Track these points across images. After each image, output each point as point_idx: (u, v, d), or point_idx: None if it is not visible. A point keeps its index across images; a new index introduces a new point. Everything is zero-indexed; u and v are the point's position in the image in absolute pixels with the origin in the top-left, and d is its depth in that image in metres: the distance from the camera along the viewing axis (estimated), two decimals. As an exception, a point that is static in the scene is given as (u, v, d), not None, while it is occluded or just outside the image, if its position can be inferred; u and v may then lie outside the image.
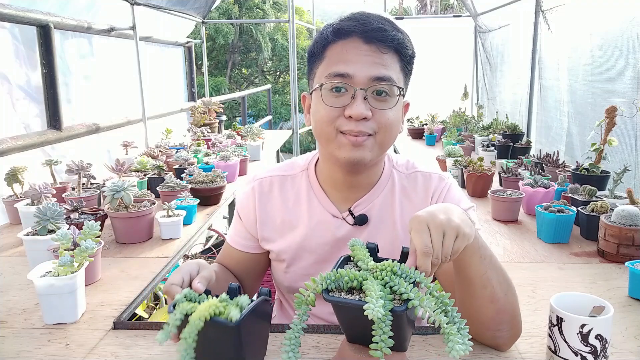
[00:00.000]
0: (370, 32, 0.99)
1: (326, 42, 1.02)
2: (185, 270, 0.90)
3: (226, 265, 1.23)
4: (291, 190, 1.17)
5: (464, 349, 0.69)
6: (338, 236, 1.12)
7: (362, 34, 0.99)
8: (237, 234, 1.22)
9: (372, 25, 0.99)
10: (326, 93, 1.00)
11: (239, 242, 1.22)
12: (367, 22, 0.99)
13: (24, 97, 2.71)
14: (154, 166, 2.54)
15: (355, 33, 1.00)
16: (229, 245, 1.24)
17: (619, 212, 1.51)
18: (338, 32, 1.01)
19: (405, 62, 1.04)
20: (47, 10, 2.72)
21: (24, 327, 1.14)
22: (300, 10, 14.41)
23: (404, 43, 1.02)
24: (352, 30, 1.00)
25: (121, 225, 1.73)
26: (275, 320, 1.29)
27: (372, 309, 0.70)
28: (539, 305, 1.21)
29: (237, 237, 1.22)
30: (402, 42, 1.01)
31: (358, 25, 0.99)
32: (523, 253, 1.61)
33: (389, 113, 1.00)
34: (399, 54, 1.02)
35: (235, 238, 1.22)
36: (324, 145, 1.05)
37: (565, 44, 3.26)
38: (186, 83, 5.44)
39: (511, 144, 3.17)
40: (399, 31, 1.02)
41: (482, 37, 5.36)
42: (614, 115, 2.06)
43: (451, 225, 0.79)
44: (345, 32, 1.00)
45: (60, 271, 1.13)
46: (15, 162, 2.11)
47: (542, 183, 2.01)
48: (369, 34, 0.99)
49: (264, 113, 12.69)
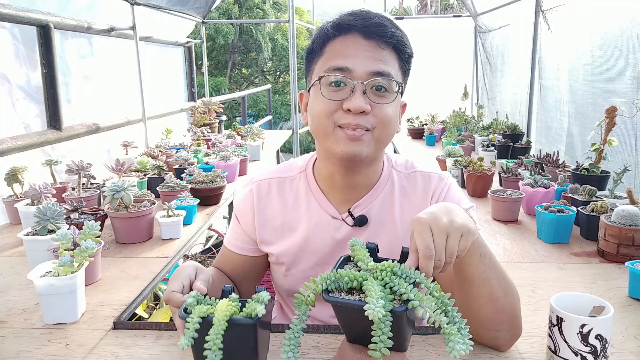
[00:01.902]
0: (370, 27, 0.99)
1: (326, 37, 1.03)
2: (184, 275, 0.90)
3: (223, 268, 1.22)
4: (290, 192, 1.17)
5: (464, 349, 0.69)
6: (338, 238, 1.11)
7: (362, 29, 1.00)
8: (235, 237, 1.21)
9: (372, 20, 1.00)
10: (325, 87, 1.00)
11: (237, 245, 1.21)
12: (368, 18, 1.00)
13: (24, 97, 2.71)
14: (154, 166, 2.54)
15: (355, 28, 1.00)
16: (227, 248, 1.23)
17: (619, 212, 1.51)
18: (338, 27, 1.01)
19: (404, 60, 1.04)
20: (47, 10, 2.72)
21: (24, 327, 1.14)
22: (300, 10, 14.41)
23: (403, 41, 1.03)
24: (352, 25, 1.00)
25: (121, 225, 1.73)
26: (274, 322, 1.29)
27: (372, 310, 0.70)
28: (539, 305, 1.21)
29: (235, 240, 1.21)
30: (401, 39, 1.02)
31: (358, 21, 1.00)
32: (523, 253, 1.61)
33: (387, 108, 1.00)
34: (398, 52, 1.02)
35: (233, 241, 1.21)
36: (321, 140, 1.05)
37: (565, 44, 3.26)
38: (186, 83, 5.44)
39: (511, 144, 3.17)
40: (398, 29, 1.03)
41: (482, 37, 5.36)
42: (614, 115, 2.06)
43: (454, 226, 0.79)
44: (345, 27, 1.01)
45: (60, 271, 1.13)
46: (15, 162, 2.11)
47: (542, 183, 2.01)
48: (369, 29, 0.99)
49: (264, 113, 12.69)
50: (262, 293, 0.82)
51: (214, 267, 1.23)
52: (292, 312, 1.25)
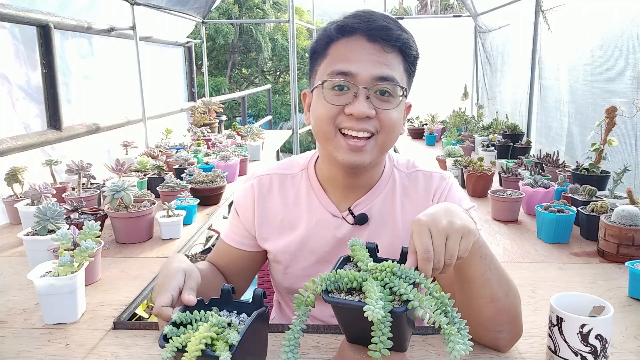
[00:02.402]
0: (374, 30, 0.97)
1: (329, 40, 1.01)
2: (173, 285, 0.85)
3: (218, 263, 1.20)
4: (291, 189, 1.16)
5: (464, 349, 0.69)
6: (338, 236, 1.11)
7: (366, 32, 0.97)
8: (233, 231, 1.20)
9: (376, 23, 0.97)
10: (328, 91, 0.99)
11: (235, 239, 1.19)
12: (372, 20, 0.98)
13: (24, 97, 2.71)
14: (154, 166, 2.54)
15: (359, 31, 0.98)
16: (224, 242, 1.21)
17: (619, 212, 1.51)
18: (342, 30, 0.99)
19: (409, 62, 1.02)
20: (47, 10, 2.72)
21: (24, 327, 1.14)
22: (300, 10, 14.41)
23: (409, 43, 1.00)
24: (356, 28, 0.98)
25: (121, 225, 1.73)
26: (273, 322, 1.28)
27: (372, 310, 0.70)
28: (539, 305, 1.21)
29: (233, 234, 1.19)
30: (407, 42, 1.00)
31: (362, 23, 0.98)
32: (523, 253, 1.61)
33: (392, 113, 0.99)
34: (403, 54, 1.00)
35: (231, 235, 1.20)
36: (322, 144, 1.04)
37: (565, 44, 3.26)
38: (186, 83, 5.44)
39: (511, 144, 3.17)
40: (404, 31, 1.01)
41: (482, 37, 5.36)
42: (613, 115, 2.06)
43: (454, 228, 0.78)
44: (349, 30, 0.99)
45: (60, 271, 1.13)
46: (15, 162, 2.11)
47: (542, 183, 2.01)
48: (373, 32, 0.97)
49: (264, 113, 12.69)
50: (231, 333, 0.76)
51: (208, 262, 1.20)
52: (291, 310, 1.24)
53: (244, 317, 0.84)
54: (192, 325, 0.79)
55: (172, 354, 0.73)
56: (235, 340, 0.73)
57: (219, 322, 0.78)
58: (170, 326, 0.78)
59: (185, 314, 0.80)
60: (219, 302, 0.87)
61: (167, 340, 0.76)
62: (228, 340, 0.74)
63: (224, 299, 0.87)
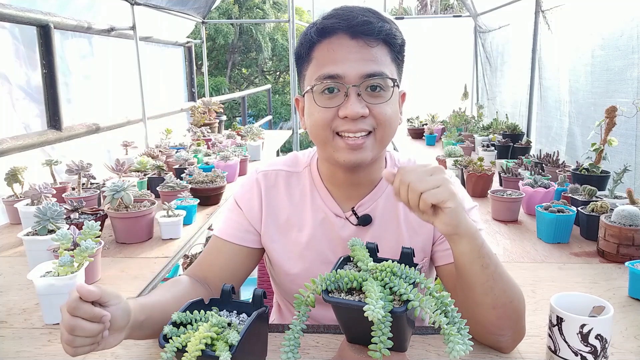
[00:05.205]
0: (355, 26, 0.95)
1: (311, 43, 0.99)
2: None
3: (208, 269, 1.10)
4: (296, 188, 1.13)
5: (464, 349, 0.69)
6: (343, 237, 1.09)
7: (347, 29, 0.95)
8: (232, 227, 1.13)
9: (356, 19, 0.95)
10: (318, 95, 0.98)
11: (235, 234, 1.12)
12: (352, 17, 0.95)
13: (24, 97, 2.71)
14: (154, 166, 2.54)
15: (340, 30, 0.96)
16: (220, 239, 1.12)
17: (619, 212, 1.51)
18: (322, 32, 0.97)
19: (396, 52, 1.00)
20: (47, 10, 2.72)
21: (24, 327, 1.14)
22: (300, 10, 14.40)
23: (392, 33, 0.98)
24: (337, 27, 0.96)
25: (121, 225, 1.73)
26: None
27: (372, 310, 0.70)
28: (539, 305, 1.21)
29: (233, 230, 1.12)
30: (390, 32, 0.97)
31: (342, 22, 0.95)
32: (523, 253, 1.61)
33: (386, 107, 0.97)
34: (389, 45, 0.98)
35: (229, 231, 1.12)
36: (321, 148, 1.03)
37: (565, 44, 3.26)
38: (186, 83, 5.44)
39: (511, 144, 3.17)
40: (386, 21, 0.98)
41: (482, 37, 5.36)
42: (614, 115, 2.06)
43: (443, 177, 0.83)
44: (329, 31, 0.97)
45: (60, 271, 1.13)
46: (15, 162, 2.11)
47: (542, 183, 2.01)
48: (355, 28, 0.95)
49: (264, 113, 12.68)
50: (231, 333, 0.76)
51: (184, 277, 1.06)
52: (291, 313, 1.22)
53: (244, 317, 0.84)
54: (192, 325, 0.79)
55: (172, 354, 0.73)
56: (235, 340, 0.73)
57: (219, 322, 0.78)
58: (170, 326, 0.78)
59: (185, 314, 0.80)
60: (219, 302, 0.87)
61: (167, 340, 0.76)
62: (228, 340, 0.74)
63: (224, 299, 0.87)
